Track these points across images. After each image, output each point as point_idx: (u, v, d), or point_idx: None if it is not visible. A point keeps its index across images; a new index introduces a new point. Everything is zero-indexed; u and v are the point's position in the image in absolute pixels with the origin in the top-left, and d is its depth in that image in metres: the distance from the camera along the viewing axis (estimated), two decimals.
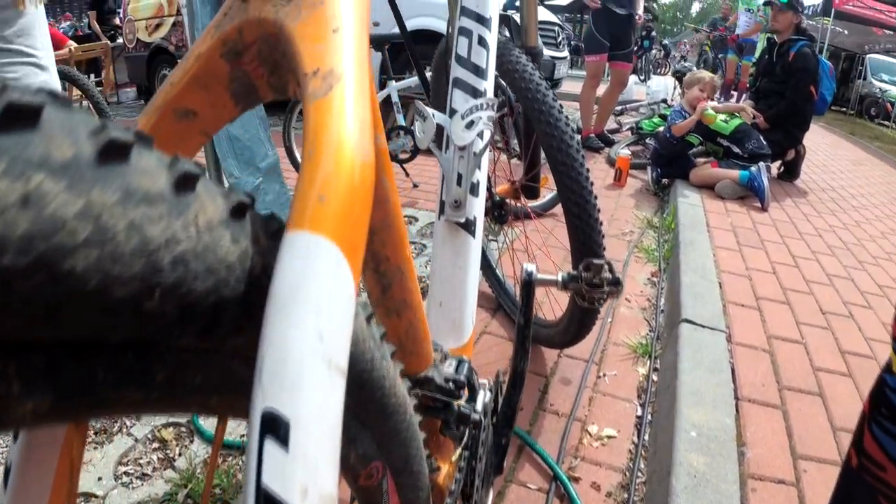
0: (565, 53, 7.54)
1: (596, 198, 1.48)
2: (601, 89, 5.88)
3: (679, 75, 7.06)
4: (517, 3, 1.80)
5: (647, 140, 5.45)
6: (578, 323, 1.72)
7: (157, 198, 0.26)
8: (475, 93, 1.11)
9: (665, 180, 4.38)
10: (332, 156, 0.36)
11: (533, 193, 1.94)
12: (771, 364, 2.03)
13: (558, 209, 1.63)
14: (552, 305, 2.22)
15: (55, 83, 2.51)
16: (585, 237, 1.48)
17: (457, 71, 1.15)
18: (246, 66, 0.49)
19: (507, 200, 1.88)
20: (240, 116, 1.78)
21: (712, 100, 4.59)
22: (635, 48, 6.39)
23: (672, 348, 2.03)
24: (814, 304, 2.55)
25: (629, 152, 4.51)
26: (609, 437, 1.71)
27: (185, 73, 0.49)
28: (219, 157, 2.32)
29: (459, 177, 1.01)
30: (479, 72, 1.14)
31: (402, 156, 3.58)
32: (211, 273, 0.29)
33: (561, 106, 1.49)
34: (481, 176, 1.05)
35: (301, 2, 0.45)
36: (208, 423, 1.64)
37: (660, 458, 1.57)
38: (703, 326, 2.12)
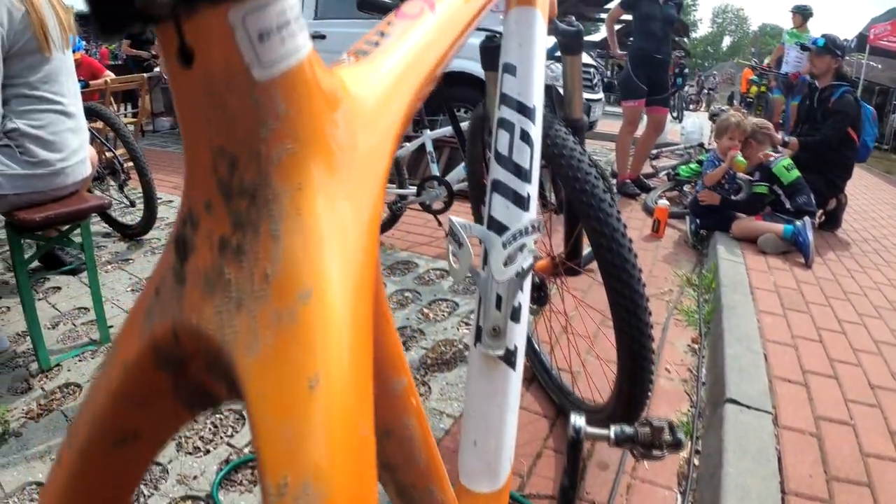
0: (600, 95, 7.47)
1: (648, 300, 1.39)
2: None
3: (715, 118, 6.93)
4: (557, 53, 1.72)
5: (685, 187, 5.34)
6: (626, 405, 1.62)
7: None
8: (517, 199, 1.00)
9: (703, 231, 4.27)
10: None
11: (574, 272, 1.86)
12: (819, 451, 1.93)
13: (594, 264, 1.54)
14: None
15: (82, 128, 2.49)
16: (633, 342, 1.39)
17: (496, 172, 1.03)
18: (194, 377, 0.36)
19: (547, 280, 1.80)
20: None
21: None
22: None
23: (716, 432, 1.93)
24: (862, 376, 2.43)
25: (667, 202, 4.41)
26: None
27: (110, 391, 0.36)
28: None
29: (499, 299, 0.91)
30: (521, 174, 1.02)
31: (437, 206, 3.50)
32: None
33: (613, 199, 1.39)
34: (524, 299, 0.95)
35: (257, 311, 0.30)
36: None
37: None
38: (749, 407, 2.02)
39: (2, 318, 2.85)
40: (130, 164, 3.88)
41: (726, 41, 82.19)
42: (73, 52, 6.04)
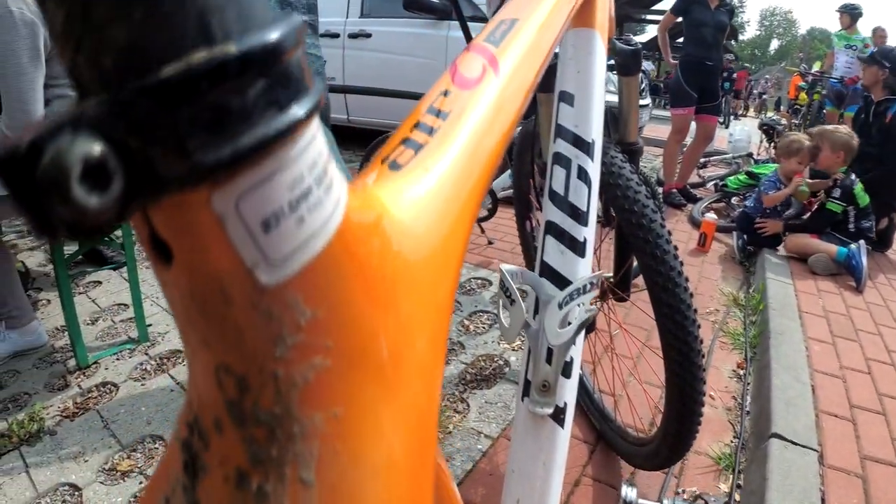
0: (647, 101, 7.32)
1: (702, 342, 1.33)
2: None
3: (766, 128, 6.72)
4: (611, 62, 1.64)
5: (733, 199, 5.20)
6: (672, 447, 1.56)
7: None
8: (573, 244, 0.93)
9: (751, 248, 4.15)
10: None
11: (621, 298, 1.80)
12: (863, 493, 1.85)
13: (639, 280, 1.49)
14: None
15: None
16: (685, 385, 1.33)
17: (551, 212, 0.96)
18: None
19: (595, 304, 1.74)
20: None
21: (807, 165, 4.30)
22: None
23: (759, 468, 1.87)
24: None
25: (715, 216, 4.29)
26: None
27: None
28: None
29: (549, 353, 0.86)
30: (578, 216, 0.94)
31: (480, 213, 3.45)
32: None
33: (670, 234, 1.33)
34: (576, 352, 0.90)
35: None
36: None
37: None
38: (795, 444, 1.95)
39: (42, 312, 2.87)
40: None
41: (774, 44, 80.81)
42: None
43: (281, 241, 0.22)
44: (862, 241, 3.76)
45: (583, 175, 0.97)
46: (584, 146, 0.98)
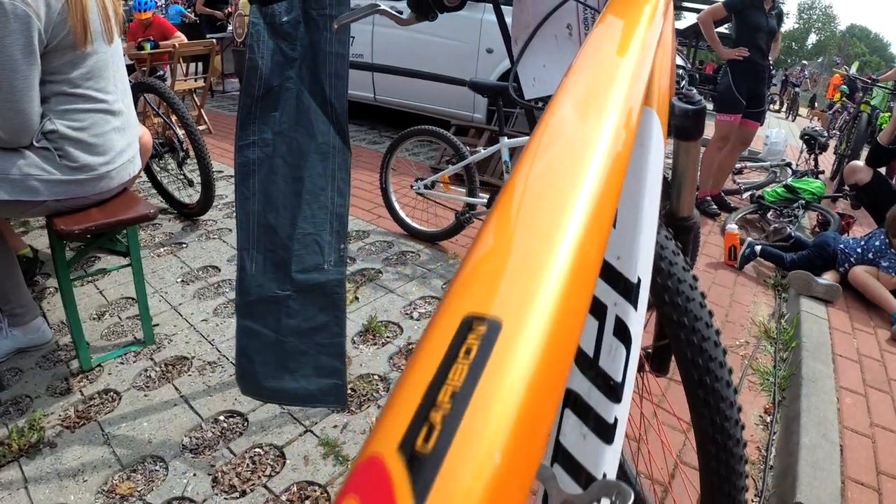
0: None
1: (745, 461, 1.20)
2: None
3: (808, 138, 6.42)
4: None
5: (769, 213, 4.98)
6: None
7: None
8: (599, 426, 0.66)
9: (783, 271, 3.87)
10: None
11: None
12: None
13: None
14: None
15: (131, 125, 2.35)
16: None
17: (573, 378, 0.69)
18: None
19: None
20: (308, 206, 1.49)
21: None
22: None
23: None
24: None
25: (737, 228, 4.09)
26: None
27: None
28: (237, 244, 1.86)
29: None
30: (609, 389, 0.67)
31: None
32: None
33: (729, 368, 1.17)
34: None
35: None
36: None
37: None
38: None
39: (48, 302, 2.80)
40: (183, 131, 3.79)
41: (812, 38, 79.17)
42: (146, 11, 6.02)
43: None
44: None
45: (621, 331, 0.69)
46: (626, 288, 0.70)
